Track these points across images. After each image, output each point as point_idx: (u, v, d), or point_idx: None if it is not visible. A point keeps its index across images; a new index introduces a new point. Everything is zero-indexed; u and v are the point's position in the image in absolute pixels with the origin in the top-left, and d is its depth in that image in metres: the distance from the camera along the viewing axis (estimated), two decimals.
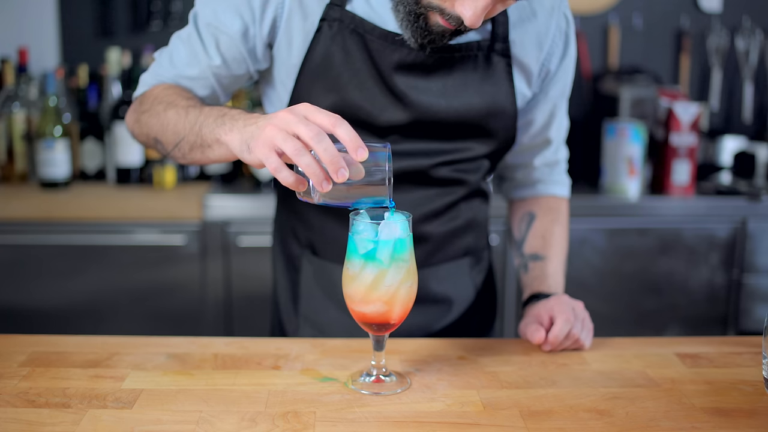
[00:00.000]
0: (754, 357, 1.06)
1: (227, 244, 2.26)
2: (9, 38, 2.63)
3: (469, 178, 1.20)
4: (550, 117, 1.25)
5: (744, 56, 2.88)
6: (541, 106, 1.23)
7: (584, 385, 0.96)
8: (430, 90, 1.11)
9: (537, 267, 1.25)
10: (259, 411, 0.88)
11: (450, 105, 1.12)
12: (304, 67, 1.11)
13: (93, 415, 0.86)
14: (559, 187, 1.33)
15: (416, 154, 1.15)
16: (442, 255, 1.23)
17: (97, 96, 2.53)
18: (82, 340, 1.08)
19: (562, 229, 1.29)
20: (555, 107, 1.24)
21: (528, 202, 1.33)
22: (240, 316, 2.30)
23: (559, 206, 1.31)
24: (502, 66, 1.14)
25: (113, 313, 2.28)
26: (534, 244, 1.27)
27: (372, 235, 0.91)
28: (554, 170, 1.32)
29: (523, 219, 1.31)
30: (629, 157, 2.42)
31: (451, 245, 1.24)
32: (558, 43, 1.18)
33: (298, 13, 1.09)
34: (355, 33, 1.08)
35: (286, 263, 1.29)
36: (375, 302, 0.91)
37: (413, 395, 0.93)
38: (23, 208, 2.23)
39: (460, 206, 1.22)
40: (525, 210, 1.32)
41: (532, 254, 1.26)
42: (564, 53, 1.20)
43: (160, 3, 2.69)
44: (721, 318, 2.48)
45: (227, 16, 1.09)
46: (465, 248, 1.26)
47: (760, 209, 2.41)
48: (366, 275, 0.90)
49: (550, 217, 1.29)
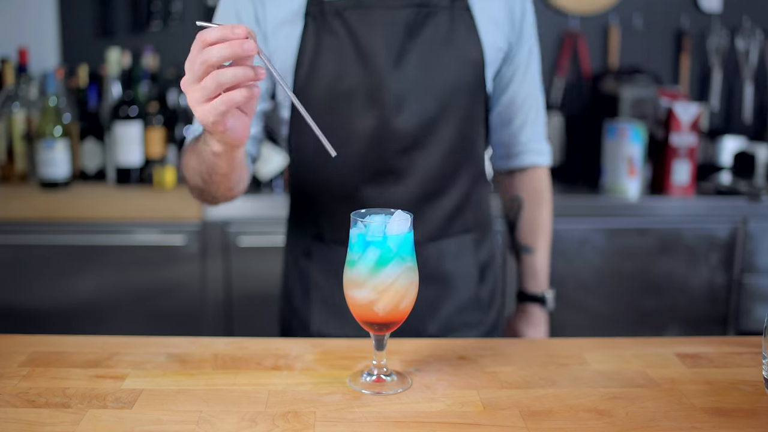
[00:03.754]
0: (754, 357, 1.06)
1: (227, 244, 2.26)
2: (9, 38, 2.64)
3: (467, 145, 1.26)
4: (522, 82, 1.32)
5: (744, 56, 2.88)
6: (513, 70, 1.30)
7: (584, 385, 0.96)
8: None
9: (528, 262, 1.42)
10: (259, 411, 0.88)
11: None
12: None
13: (93, 415, 0.86)
14: (540, 156, 1.39)
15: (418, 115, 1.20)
16: (443, 231, 1.28)
17: (97, 96, 2.53)
18: (82, 340, 1.08)
19: (545, 211, 1.42)
20: (526, 71, 1.31)
21: (515, 181, 1.42)
22: (240, 316, 2.30)
23: (542, 186, 1.41)
24: (468, 19, 1.21)
25: (113, 313, 2.28)
26: (524, 235, 1.42)
27: (373, 233, 0.91)
28: (534, 138, 1.38)
29: (513, 203, 1.43)
30: (629, 157, 2.42)
31: (453, 221, 1.28)
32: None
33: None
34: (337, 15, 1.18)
35: (298, 253, 1.33)
36: (376, 302, 0.91)
37: (413, 395, 0.93)
38: (23, 208, 2.23)
39: (460, 179, 1.27)
40: (513, 193, 1.43)
41: (523, 245, 1.42)
42: (523, 7, 1.28)
43: (160, 3, 2.69)
44: (721, 318, 2.48)
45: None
46: (465, 225, 1.31)
47: (760, 209, 2.41)
48: (366, 274, 0.90)
49: (535, 201, 1.41)
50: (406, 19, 1.19)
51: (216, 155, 1.01)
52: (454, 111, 1.22)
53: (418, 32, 1.19)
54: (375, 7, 1.18)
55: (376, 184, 1.22)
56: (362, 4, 1.18)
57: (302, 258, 1.32)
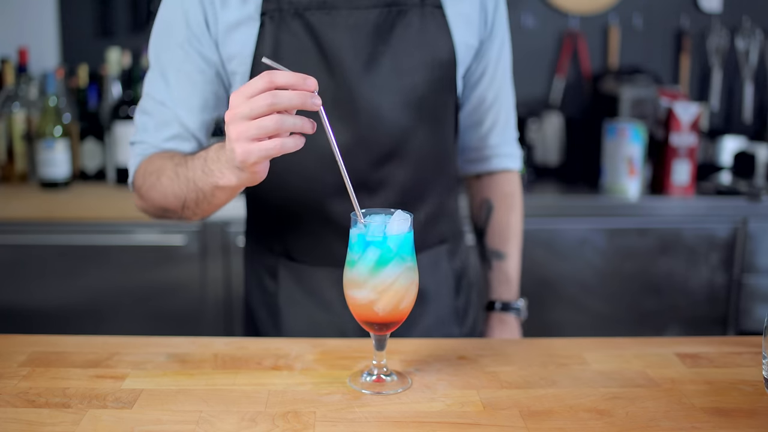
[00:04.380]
0: (754, 357, 1.06)
1: (227, 244, 2.26)
2: (9, 38, 2.64)
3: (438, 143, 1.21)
4: (493, 79, 1.27)
5: (744, 56, 2.88)
6: (484, 67, 1.25)
7: (584, 385, 0.96)
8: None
9: (500, 268, 1.34)
10: (259, 411, 0.88)
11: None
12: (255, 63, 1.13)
13: (93, 415, 0.86)
14: (511, 160, 1.35)
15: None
16: (419, 243, 1.20)
17: (97, 96, 2.53)
18: (82, 340, 1.08)
19: (516, 216, 1.36)
20: (497, 67, 1.26)
21: (484, 185, 1.36)
22: (240, 316, 2.30)
23: (513, 189, 1.36)
24: (439, 17, 1.15)
25: (113, 313, 2.28)
26: (495, 240, 1.35)
27: (373, 233, 0.91)
28: (505, 142, 1.34)
29: (482, 207, 1.37)
30: (629, 157, 2.42)
31: (428, 233, 1.23)
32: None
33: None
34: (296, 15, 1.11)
35: (261, 276, 1.26)
36: (376, 302, 0.91)
37: (413, 395, 0.93)
38: (23, 208, 2.23)
39: (433, 187, 1.22)
40: (483, 196, 1.37)
41: (494, 251, 1.35)
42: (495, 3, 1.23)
43: (159, 3, 2.68)
44: (721, 318, 2.48)
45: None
46: (440, 236, 1.26)
47: (760, 209, 2.41)
48: (366, 274, 0.90)
49: (505, 206, 1.35)
50: (375, 20, 1.11)
51: (221, 189, 0.98)
52: (428, 116, 1.16)
53: (388, 34, 1.12)
54: (339, 8, 1.10)
55: (348, 197, 1.16)
56: (326, 4, 1.10)
57: (267, 278, 1.24)
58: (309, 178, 1.15)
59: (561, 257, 2.38)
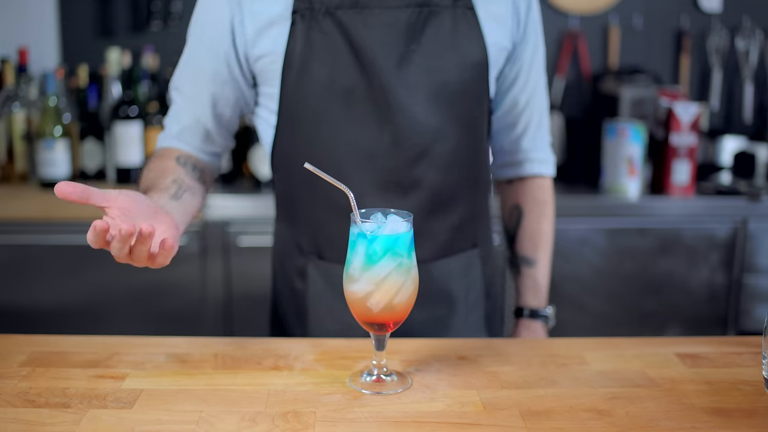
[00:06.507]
0: (754, 357, 1.06)
1: (227, 244, 2.26)
2: (9, 38, 2.63)
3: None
4: (526, 83, 1.26)
5: (744, 56, 2.88)
6: (517, 71, 1.25)
7: (584, 385, 0.96)
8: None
9: (529, 275, 1.33)
10: (259, 411, 0.88)
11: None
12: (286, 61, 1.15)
13: (93, 415, 0.86)
14: (544, 166, 1.34)
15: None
16: (450, 247, 1.22)
17: (97, 96, 2.52)
18: (82, 340, 1.08)
19: (548, 223, 1.35)
20: (530, 71, 1.26)
21: (515, 190, 1.36)
22: (240, 316, 2.30)
23: (544, 196, 1.34)
24: (471, 18, 1.16)
25: (113, 313, 2.28)
26: (525, 246, 1.34)
27: (371, 230, 0.91)
28: (538, 147, 1.33)
29: (512, 213, 1.36)
30: (629, 157, 2.42)
31: (459, 236, 1.23)
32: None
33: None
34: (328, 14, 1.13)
35: (289, 276, 1.26)
36: (369, 296, 0.91)
37: (413, 395, 0.93)
38: (23, 208, 2.23)
39: (465, 189, 1.21)
40: (514, 202, 1.36)
41: (524, 257, 1.34)
42: (528, 3, 1.23)
43: (160, 3, 2.69)
44: (721, 318, 2.48)
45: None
46: (472, 239, 1.25)
47: (760, 209, 2.41)
48: (360, 269, 0.91)
49: (537, 213, 1.34)
50: (407, 20, 1.12)
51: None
52: (460, 117, 1.16)
53: (420, 34, 1.12)
54: (372, 7, 1.12)
55: (381, 197, 1.14)
56: (358, 4, 1.12)
57: (297, 279, 1.25)
58: (341, 178, 1.14)
59: (561, 257, 2.38)
